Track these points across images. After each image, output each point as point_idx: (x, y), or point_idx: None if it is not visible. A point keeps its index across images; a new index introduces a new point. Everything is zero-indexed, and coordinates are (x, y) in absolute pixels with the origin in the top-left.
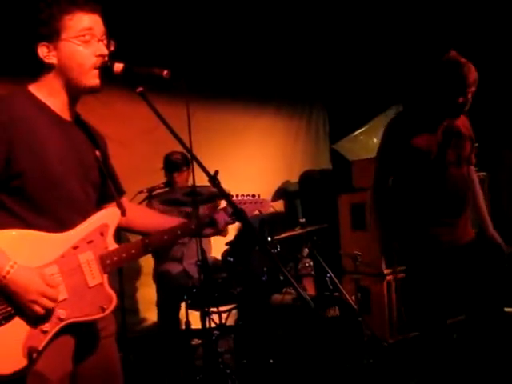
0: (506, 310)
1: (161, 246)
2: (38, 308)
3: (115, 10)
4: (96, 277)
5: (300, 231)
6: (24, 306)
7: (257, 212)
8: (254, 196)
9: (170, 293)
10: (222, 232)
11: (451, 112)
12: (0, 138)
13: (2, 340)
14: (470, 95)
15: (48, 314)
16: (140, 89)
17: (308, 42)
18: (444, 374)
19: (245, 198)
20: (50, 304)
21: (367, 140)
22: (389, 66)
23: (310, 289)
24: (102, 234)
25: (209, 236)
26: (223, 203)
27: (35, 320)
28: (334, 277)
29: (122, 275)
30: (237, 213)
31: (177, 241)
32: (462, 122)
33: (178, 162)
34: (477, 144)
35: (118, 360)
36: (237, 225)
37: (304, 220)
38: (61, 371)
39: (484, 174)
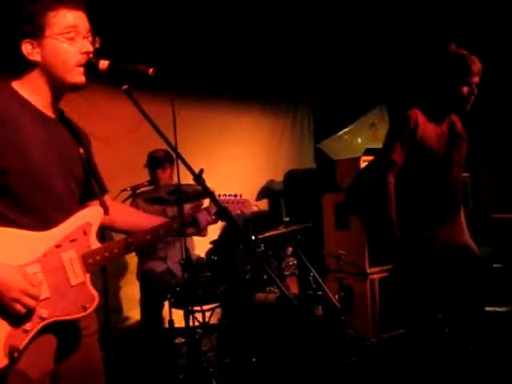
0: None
1: (144, 246)
2: (19, 306)
3: (99, 6)
4: (78, 276)
5: (284, 230)
6: (5, 304)
7: (239, 212)
8: (236, 196)
9: (154, 291)
10: (202, 231)
11: (457, 105)
12: None
13: None
14: (474, 86)
15: (29, 312)
16: (125, 86)
17: (294, 41)
18: (430, 370)
19: (227, 197)
20: (31, 302)
21: (351, 140)
22: (374, 66)
23: (293, 287)
24: (85, 233)
25: (190, 235)
26: (207, 202)
27: (16, 319)
28: (317, 276)
29: (106, 273)
30: (221, 211)
31: (160, 240)
32: (458, 123)
33: (160, 159)
34: None
35: (100, 359)
36: (221, 224)
37: (288, 219)
38: (42, 370)
39: (467, 174)
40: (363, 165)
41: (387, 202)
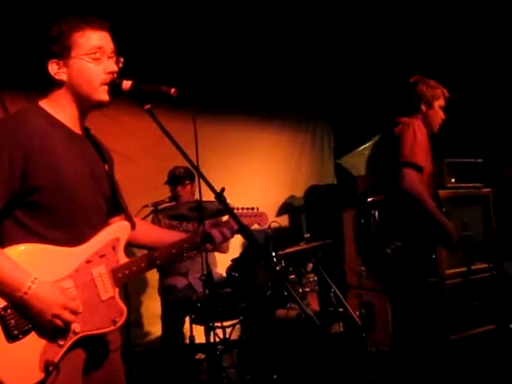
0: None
1: (169, 260)
2: (59, 322)
3: (122, 26)
4: (108, 290)
5: (305, 246)
6: (46, 320)
7: (256, 226)
8: (253, 209)
9: (175, 307)
10: (218, 248)
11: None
12: (16, 154)
13: (20, 354)
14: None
15: (67, 327)
16: (148, 106)
17: (314, 57)
18: None
19: (244, 211)
20: (71, 318)
21: None
22: (394, 81)
23: (314, 304)
24: (113, 248)
25: (208, 251)
26: (225, 218)
27: (53, 334)
28: (338, 292)
29: (128, 288)
30: (242, 229)
31: (184, 254)
32: None
33: (181, 176)
34: (480, 160)
35: (122, 374)
36: (242, 240)
37: (309, 235)
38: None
39: (488, 190)
40: None
41: (427, 203)
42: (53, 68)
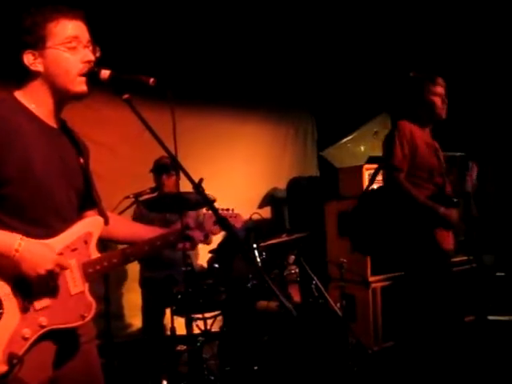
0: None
1: (142, 256)
2: (51, 281)
3: (99, 16)
4: (78, 285)
5: (286, 238)
6: (40, 275)
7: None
8: (228, 210)
9: (156, 298)
10: (195, 247)
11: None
12: None
13: None
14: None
15: (58, 285)
16: (126, 96)
17: (297, 49)
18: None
19: (219, 211)
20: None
21: (354, 148)
22: (376, 74)
23: (295, 296)
24: (85, 242)
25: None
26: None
27: (20, 324)
28: (319, 284)
29: (108, 280)
30: (220, 221)
31: (158, 251)
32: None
33: (167, 165)
34: (462, 154)
35: (98, 365)
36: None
37: (291, 227)
38: (41, 377)
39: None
40: (366, 173)
41: (412, 193)
42: (28, 59)
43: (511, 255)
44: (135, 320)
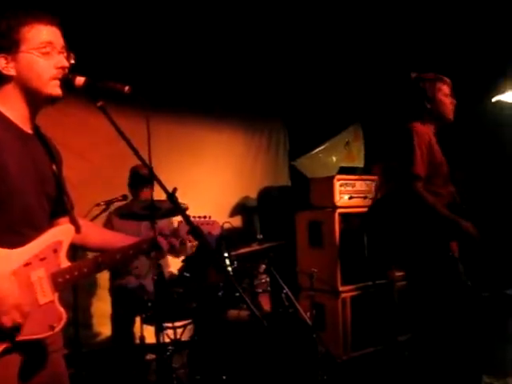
0: None
1: (113, 265)
2: (6, 320)
3: (75, 23)
4: (47, 295)
5: (257, 247)
6: None
7: (206, 232)
8: (205, 217)
9: (126, 307)
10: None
11: (444, 115)
12: None
13: None
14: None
15: (10, 328)
16: (100, 103)
17: (270, 60)
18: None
19: (196, 219)
20: (20, 320)
21: (326, 158)
22: (349, 85)
23: (265, 305)
24: (55, 251)
25: (155, 259)
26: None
27: None
28: (290, 293)
29: (77, 288)
30: (193, 230)
31: (131, 260)
32: None
33: (147, 177)
34: None
35: (65, 375)
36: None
37: (262, 236)
38: None
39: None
40: (337, 183)
41: (434, 206)
42: (1, 63)
43: None
44: (104, 329)
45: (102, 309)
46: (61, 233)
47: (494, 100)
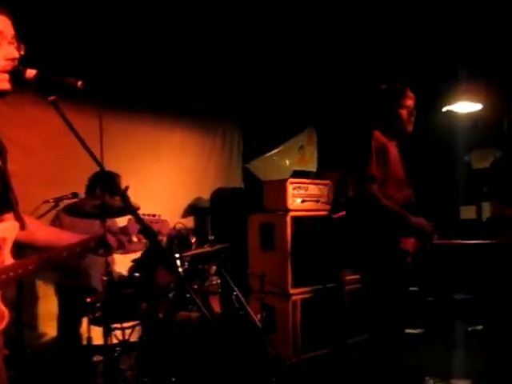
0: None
1: (60, 263)
2: None
3: (27, 14)
4: None
5: (209, 249)
6: None
7: (156, 231)
8: (154, 216)
9: (72, 307)
10: (111, 254)
11: (401, 127)
12: None
13: None
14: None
15: None
16: (52, 98)
17: (225, 60)
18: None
19: (146, 217)
20: None
21: (280, 161)
22: (304, 88)
23: (216, 306)
24: None
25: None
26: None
27: None
28: (240, 295)
29: (22, 287)
30: (144, 229)
31: (78, 258)
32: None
33: (119, 186)
34: None
35: (4, 378)
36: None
37: (213, 237)
38: None
39: None
40: (290, 186)
41: (386, 205)
42: None
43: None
44: (49, 329)
45: (47, 308)
46: (5, 229)
47: (444, 110)
